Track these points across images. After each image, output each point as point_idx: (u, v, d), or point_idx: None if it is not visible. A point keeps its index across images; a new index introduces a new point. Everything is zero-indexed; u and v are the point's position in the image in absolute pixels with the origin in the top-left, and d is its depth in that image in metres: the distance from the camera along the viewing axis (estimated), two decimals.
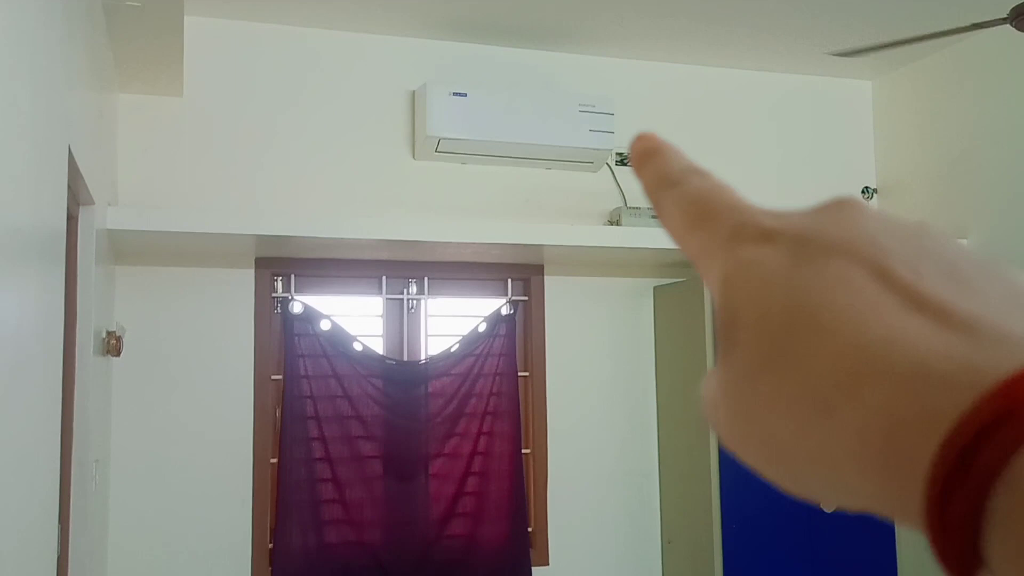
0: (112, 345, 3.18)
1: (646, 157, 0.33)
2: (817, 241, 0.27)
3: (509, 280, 4.12)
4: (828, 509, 0.27)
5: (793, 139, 4.52)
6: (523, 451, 4.01)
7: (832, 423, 0.23)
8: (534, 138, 3.89)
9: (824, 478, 0.24)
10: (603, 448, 4.15)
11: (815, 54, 4.28)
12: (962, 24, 2.87)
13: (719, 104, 4.42)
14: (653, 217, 4.00)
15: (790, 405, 0.25)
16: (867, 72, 4.56)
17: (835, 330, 0.24)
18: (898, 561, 4.05)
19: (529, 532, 3.98)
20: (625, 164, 4.23)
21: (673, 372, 4.12)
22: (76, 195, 2.57)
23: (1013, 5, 2.69)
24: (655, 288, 4.25)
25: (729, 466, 3.78)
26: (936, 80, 4.28)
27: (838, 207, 0.28)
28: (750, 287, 0.27)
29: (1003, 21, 2.75)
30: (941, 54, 4.25)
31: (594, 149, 3.96)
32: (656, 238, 3.82)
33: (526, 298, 4.13)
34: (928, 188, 4.36)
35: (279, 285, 3.86)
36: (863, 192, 4.61)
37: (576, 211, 4.12)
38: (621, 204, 4.12)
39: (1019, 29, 2.74)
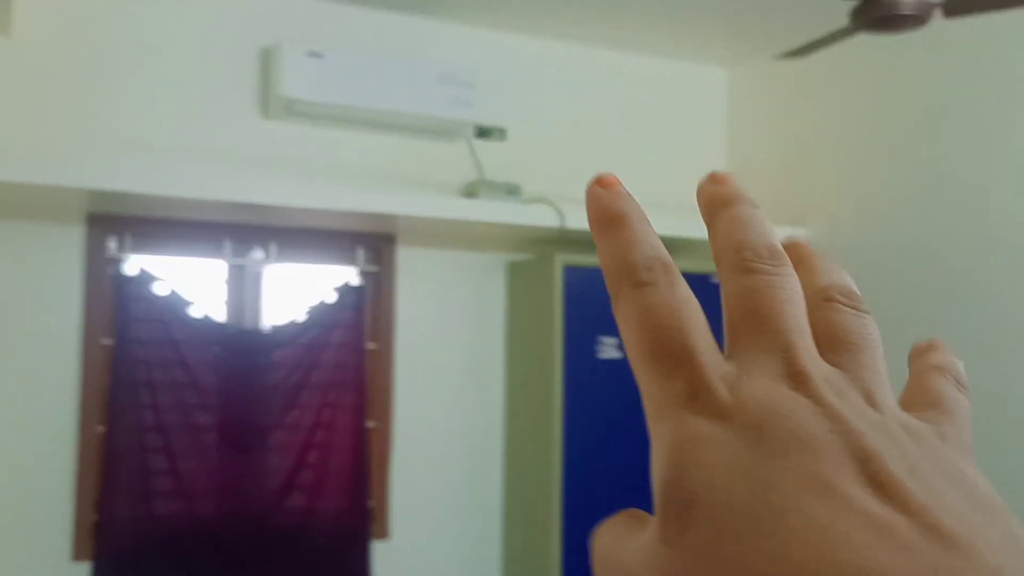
0: None
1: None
2: (780, 430, 0.24)
3: (360, 250, 4.02)
4: None
5: (647, 121, 4.58)
6: (367, 425, 3.94)
7: None
8: (392, 105, 3.79)
9: None
10: (449, 423, 4.12)
11: (674, 38, 4.34)
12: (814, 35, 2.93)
13: (576, 81, 4.43)
14: (508, 192, 3.96)
15: None
16: (723, 60, 4.66)
17: (805, 540, 0.22)
18: None
19: (370, 506, 3.92)
20: (483, 137, 4.18)
21: (522, 348, 4.13)
22: None
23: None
24: (508, 264, 4.24)
25: (572, 444, 3.83)
26: (787, 73, 4.42)
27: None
28: (708, 470, 0.24)
29: (850, 32, 2.83)
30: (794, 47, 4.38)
31: (453, 120, 3.90)
32: (510, 213, 3.80)
33: (377, 268, 4.05)
34: (772, 177, 4.51)
35: (112, 245, 3.64)
36: None
37: (432, 182, 4.06)
38: (478, 177, 4.09)
39: (857, 28, 2.80)
